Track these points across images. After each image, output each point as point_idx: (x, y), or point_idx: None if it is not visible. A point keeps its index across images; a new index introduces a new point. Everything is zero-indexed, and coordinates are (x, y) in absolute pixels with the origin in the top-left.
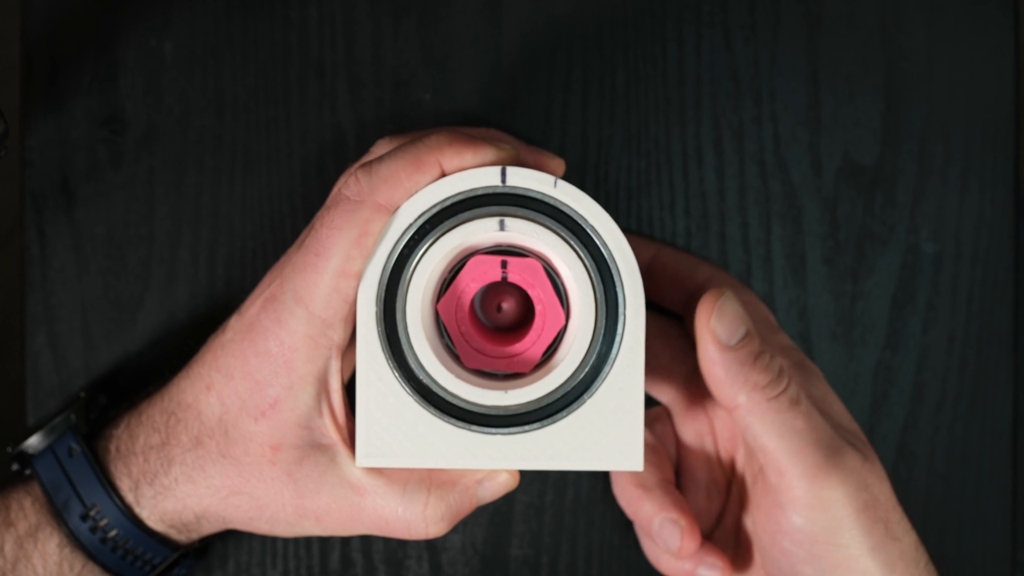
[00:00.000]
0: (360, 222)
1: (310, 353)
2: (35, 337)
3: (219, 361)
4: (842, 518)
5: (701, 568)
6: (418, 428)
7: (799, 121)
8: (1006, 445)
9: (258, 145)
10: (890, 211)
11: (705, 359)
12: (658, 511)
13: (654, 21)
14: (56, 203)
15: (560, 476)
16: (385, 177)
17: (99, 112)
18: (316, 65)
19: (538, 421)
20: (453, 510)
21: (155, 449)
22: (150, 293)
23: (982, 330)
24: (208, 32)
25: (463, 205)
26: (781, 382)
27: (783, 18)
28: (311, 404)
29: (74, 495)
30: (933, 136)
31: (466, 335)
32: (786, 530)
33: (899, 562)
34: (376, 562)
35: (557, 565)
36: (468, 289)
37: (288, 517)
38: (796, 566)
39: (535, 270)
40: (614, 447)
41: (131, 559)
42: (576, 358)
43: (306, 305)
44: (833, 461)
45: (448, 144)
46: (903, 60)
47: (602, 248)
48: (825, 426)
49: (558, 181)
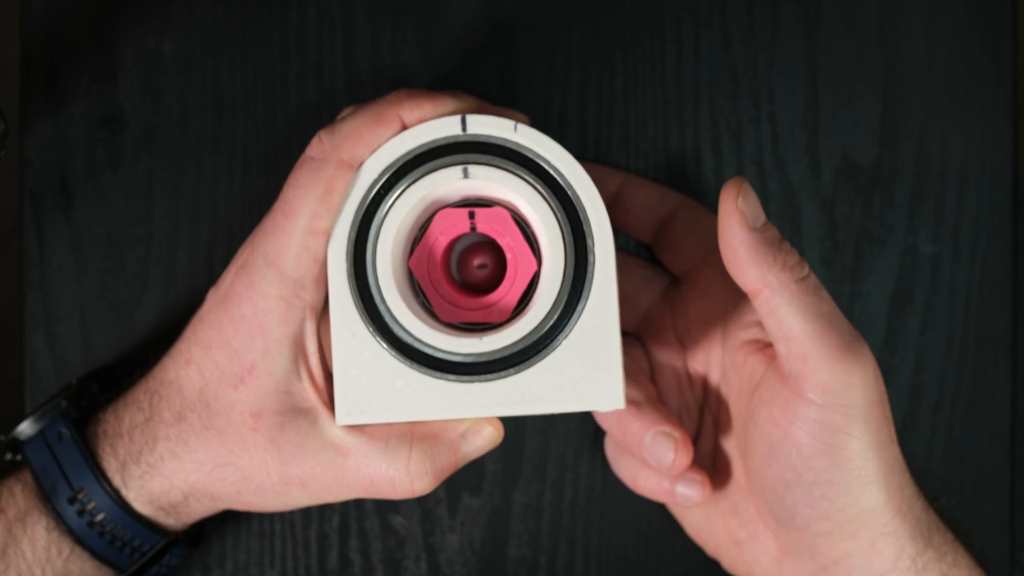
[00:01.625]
0: (324, 179)
1: (284, 315)
2: (33, 337)
3: (197, 334)
4: (858, 407)
5: (680, 485)
6: (396, 382)
7: (797, 122)
8: (1004, 446)
9: (257, 145)
10: (888, 212)
11: (732, 241)
12: (650, 425)
13: (652, 22)
14: (55, 203)
15: (558, 476)
16: (347, 134)
17: (98, 112)
18: (315, 66)
19: (514, 366)
20: (437, 465)
21: (139, 427)
22: (148, 293)
23: (980, 331)
24: (207, 32)
25: (426, 156)
26: (805, 266)
27: (781, 19)
28: (288, 367)
29: (62, 479)
30: (931, 137)
31: (439, 289)
32: (804, 419)
33: (895, 467)
34: (374, 562)
35: (555, 565)
36: (438, 243)
37: (274, 486)
38: (809, 460)
39: (503, 219)
40: (593, 387)
41: (119, 545)
42: (548, 300)
43: (277, 267)
44: (854, 348)
45: (407, 97)
46: (901, 61)
47: (567, 189)
48: (843, 317)
49: (518, 125)
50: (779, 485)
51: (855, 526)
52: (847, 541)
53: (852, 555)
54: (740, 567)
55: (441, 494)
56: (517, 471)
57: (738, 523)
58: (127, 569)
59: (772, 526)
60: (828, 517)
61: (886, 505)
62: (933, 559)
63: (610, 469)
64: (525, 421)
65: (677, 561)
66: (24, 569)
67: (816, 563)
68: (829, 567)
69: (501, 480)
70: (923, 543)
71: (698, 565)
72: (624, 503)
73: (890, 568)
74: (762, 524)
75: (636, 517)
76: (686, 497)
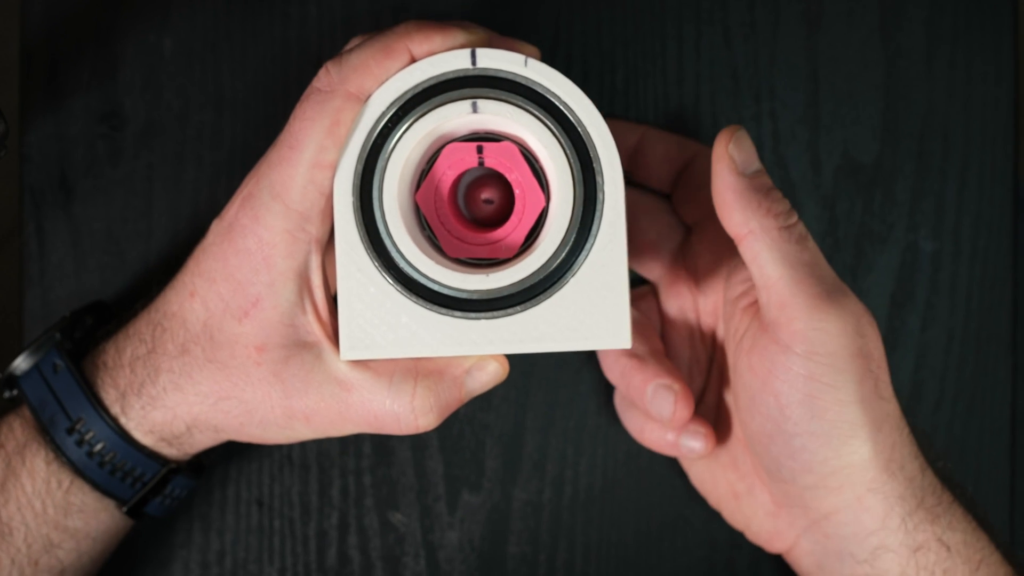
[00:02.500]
0: (332, 112)
1: (289, 248)
2: (33, 333)
3: (201, 266)
4: (837, 356)
5: (684, 437)
6: (401, 318)
7: (798, 119)
8: (1004, 444)
9: (257, 141)
10: (889, 209)
11: (720, 184)
12: (652, 378)
13: (653, 19)
14: (55, 199)
15: (558, 473)
16: (355, 66)
17: (98, 108)
18: (315, 61)
19: (521, 303)
20: (442, 401)
21: (141, 359)
22: (148, 289)
23: (980, 328)
24: (207, 28)
25: (435, 89)
26: (793, 215)
27: (782, 16)
28: (293, 300)
29: (60, 410)
30: (932, 134)
31: (446, 223)
32: (782, 368)
33: (886, 423)
34: (373, 559)
35: (555, 563)
36: (445, 177)
37: (278, 419)
38: (786, 409)
39: (511, 153)
40: (600, 325)
41: (120, 475)
42: (556, 237)
43: (282, 199)
44: (834, 298)
45: (417, 29)
46: (902, 58)
47: (576, 125)
48: (829, 269)
49: (529, 60)
50: (763, 436)
51: (838, 480)
52: (832, 496)
53: (840, 510)
54: (739, 519)
55: (440, 491)
56: (517, 468)
57: (736, 476)
58: (129, 500)
59: (765, 480)
60: (810, 470)
61: (871, 461)
62: (925, 520)
63: (609, 467)
64: (525, 418)
65: (677, 558)
66: (24, 502)
67: (808, 517)
68: (820, 521)
69: (501, 477)
70: (914, 503)
71: (698, 563)
72: (624, 500)
73: (879, 526)
74: (757, 478)
75: (636, 514)
76: (690, 449)
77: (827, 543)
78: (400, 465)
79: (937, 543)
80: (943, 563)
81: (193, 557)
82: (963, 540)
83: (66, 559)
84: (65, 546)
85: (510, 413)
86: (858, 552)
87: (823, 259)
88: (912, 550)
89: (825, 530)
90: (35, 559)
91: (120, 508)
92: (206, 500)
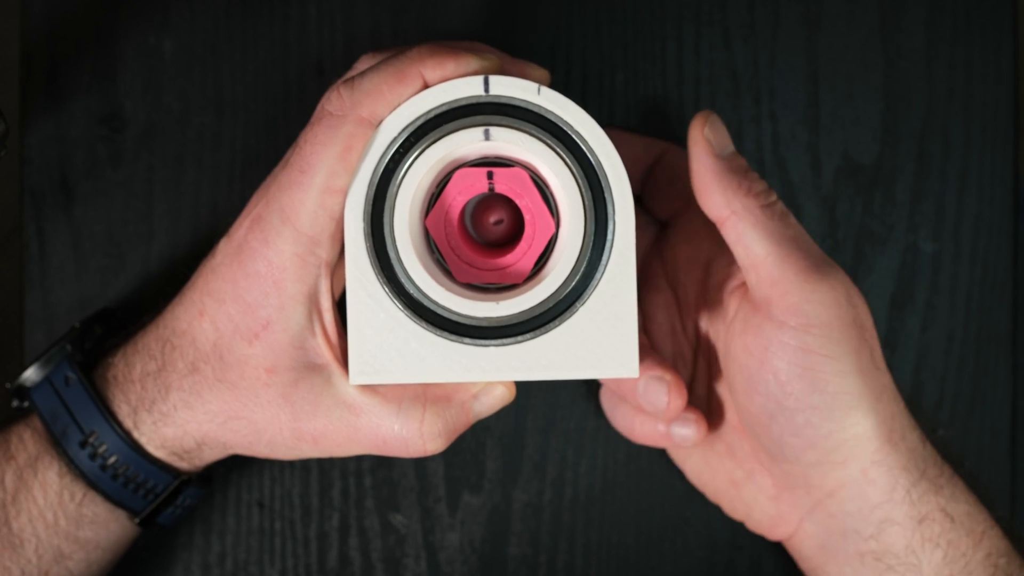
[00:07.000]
0: (344, 137)
1: (299, 272)
2: (33, 335)
3: (210, 286)
4: (832, 327)
5: (675, 426)
6: (410, 343)
7: (798, 120)
8: (1004, 445)
9: (257, 144)
10: (889, 210)
11: (699, 167)
12: (643, 371)
13: (653, 20)
14: (55, 201)
15: (558, 475)
16: (368, 91)
17: (98, 110)
18: (315, 63)
19: (530, 331)
20: (450, 426)
21: (152, 376)
22: (149, 291)
23: (981, 330)
24: (207, 30)
25: (447, 116)
26: (772, 194)
27: (782, 17)
28: (303, 324)
29: (72, 422)
30: (932, 135)
31: (456, 249)
32: (778, 345)
33: (884, 393)
34: (374, 560)
35: (555, 564)
36: (455, 202)
37: (286, 440)
38: (786, 385)
39: (522, 179)
40: (608, 355)
41: (133, 487)
42: (567, 266)
43: (293, 223)
44: (823, 269)
45: (430, 55)
46: (902, 59)
47: (588, 154)
48: (814, 243)
49: (542, 88)
50: (764, 416)
51: (843, 454)
52: (837, 471)
53: (845, 485)
54: (739, 508)
55: (441, 493)
56: (517, 469)
57: (734, 464)
58: (141, 511)
59: (766, 463)
60: (814, 445)
61: (874, 433)
62: (928, 491)
63: (610, 469)
64: (526, 420)
65: (677, 560)
66: (36, 514)
67: (811, 497)
68: (824, 500)
69: (501, 478)
70: (917, 474)
71: (698, 564)
72: (624, 501)
73: (885, 499)
74: (757, 462)
75: (636, 516)
76: (683, 437)
77: (831, 522)
78: (401, 467)
79: (941, 514)
80: (947, 534)
81: (194, 559)
82: (966, 511)
83: (76, 569)
84: (75, 557)
85: (510, 415)
86: (864, 528)
87: (806, 234)
88: (917, 521)
89: (829, 509)
90: (45, 570)
91: (132, 519)
92: (207, 502)
